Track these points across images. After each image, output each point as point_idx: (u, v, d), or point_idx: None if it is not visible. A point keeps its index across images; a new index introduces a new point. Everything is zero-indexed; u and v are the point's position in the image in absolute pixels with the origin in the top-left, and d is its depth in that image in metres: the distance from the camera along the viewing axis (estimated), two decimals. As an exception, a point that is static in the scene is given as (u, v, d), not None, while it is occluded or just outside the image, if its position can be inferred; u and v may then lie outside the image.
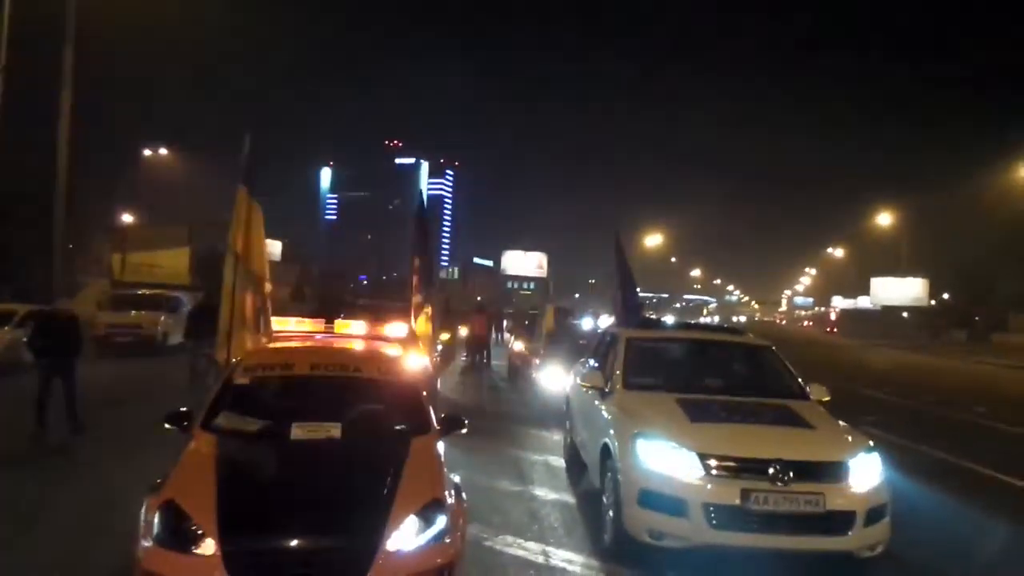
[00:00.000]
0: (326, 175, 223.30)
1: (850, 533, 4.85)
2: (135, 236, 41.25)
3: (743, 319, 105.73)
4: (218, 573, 3.55)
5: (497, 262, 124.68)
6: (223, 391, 5.09)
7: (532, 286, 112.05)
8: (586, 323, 22.28)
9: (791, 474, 4.86)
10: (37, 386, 8.72)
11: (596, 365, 7.64)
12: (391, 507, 3.96)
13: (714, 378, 6.67)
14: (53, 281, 26.14)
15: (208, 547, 3.64)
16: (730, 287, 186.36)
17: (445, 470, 4.61)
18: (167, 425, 4.83)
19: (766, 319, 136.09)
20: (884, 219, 65.08)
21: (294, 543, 3.75)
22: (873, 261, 78.78)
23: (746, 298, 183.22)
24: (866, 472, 5.10)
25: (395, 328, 7.08)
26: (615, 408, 6.16)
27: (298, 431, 4.64)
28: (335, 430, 4.71)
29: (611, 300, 10.37)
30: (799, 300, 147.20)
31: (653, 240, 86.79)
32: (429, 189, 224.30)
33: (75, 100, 24.50)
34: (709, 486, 4.88)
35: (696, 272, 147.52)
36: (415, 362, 7.00)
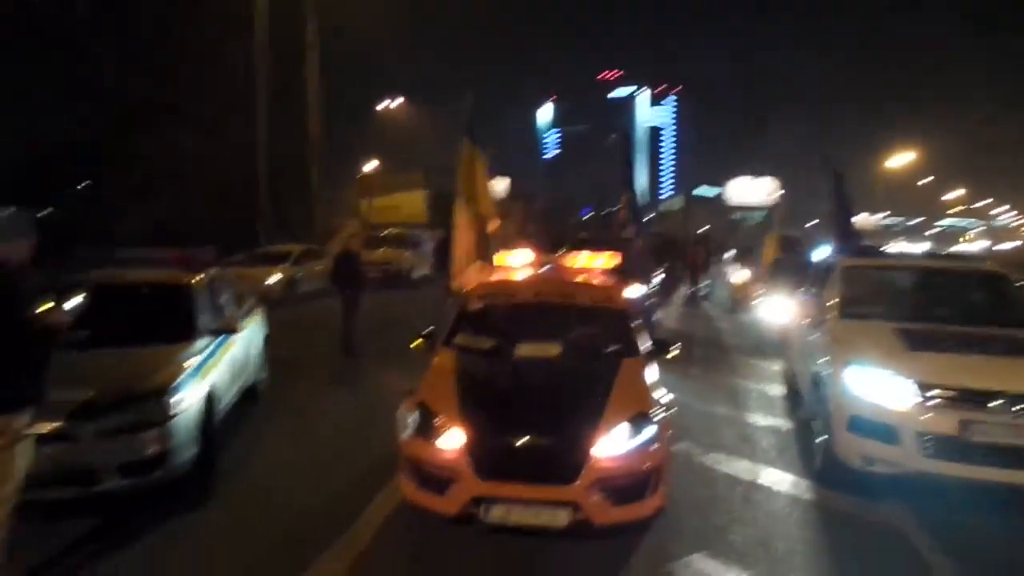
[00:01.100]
0: (547, 110, 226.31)
1: (1089, 470, 4.57)
2: (378, 182, 45.50)
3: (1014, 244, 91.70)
4: (461, 458, 4.33)
5: (723, 191, 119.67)
6: (459, 315, 5.91)
7: (760, 215, 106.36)
8: (819, 253, 21.11)
9: (1020, 407, 4.64)
10: (342, 314, 10.28)
11: (813, 295, 7.55)
12: (602, 415, 4.48)
13: (940, 307, 6.33)
14: (316, 226, 29.99)
15: (453, 438, 4.43)
16: (1003, 208, 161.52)
17: (653, 388, 5.03)
18: (416, 344, 5.76)
19: None
20: None
21: (521, 440, 4.42)
22: None
23: (1021, 221, 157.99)
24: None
25: (612, 259, 7.51)
26: (829, 337, 6.14)
27: (522, 350, 5.32)
28: (554, 350, 5.32)
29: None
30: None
31: (904, 159, 77.83)
32: (649, 117, 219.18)
33: (320, 64, 27.54)
34: (924, 415, 4.82)
35: (958, 192, 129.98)
36: (628, 292, 7.43)
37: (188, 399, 5.08)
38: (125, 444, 4.59)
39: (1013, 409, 4.65)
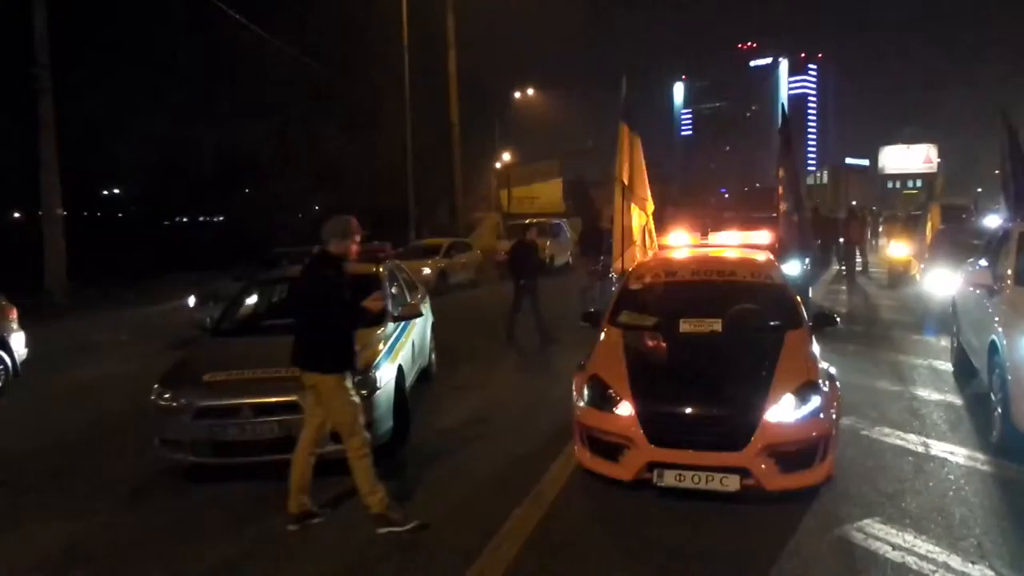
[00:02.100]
0: (679, 90, 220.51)
1: None
2: (515, 173, 46.53)
3: None
4: (634, 427, 4.69)
5: (874, 161, 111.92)
6: (622, 294, 6.27)
7: (919, 183, 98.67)
8: (990, 221, 19.57)
9: None
10: (512, 301, 10.76)
11: (986, 263, 7.25)
12: (770, 386, 4.69)
13: None
14: (459, 219, 31.19)
15: (625, 408, 4.79)
16: None
17: (818, 359, 5.16)
18: (582, 323, 6.16)
19: None
20: None
21: (690, 410, 4.72)
22: None
23: None
24: None
25: (763, 236, 7.59)
26: (1005, 305, 5.95)
27: (685, 325, 5.59)
28: (717, 325, 5.55)
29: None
30: None
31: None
32: (790, 88, 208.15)
33: (458, 60, 28.54)
34: (1115, 381, 4.65)
35: None
36: (785, 268, 7.48)
37: (385, 376, 5.76)
38: (340, 414, 5.29)
39: None
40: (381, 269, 7.07)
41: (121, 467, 5.97)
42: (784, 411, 4.60)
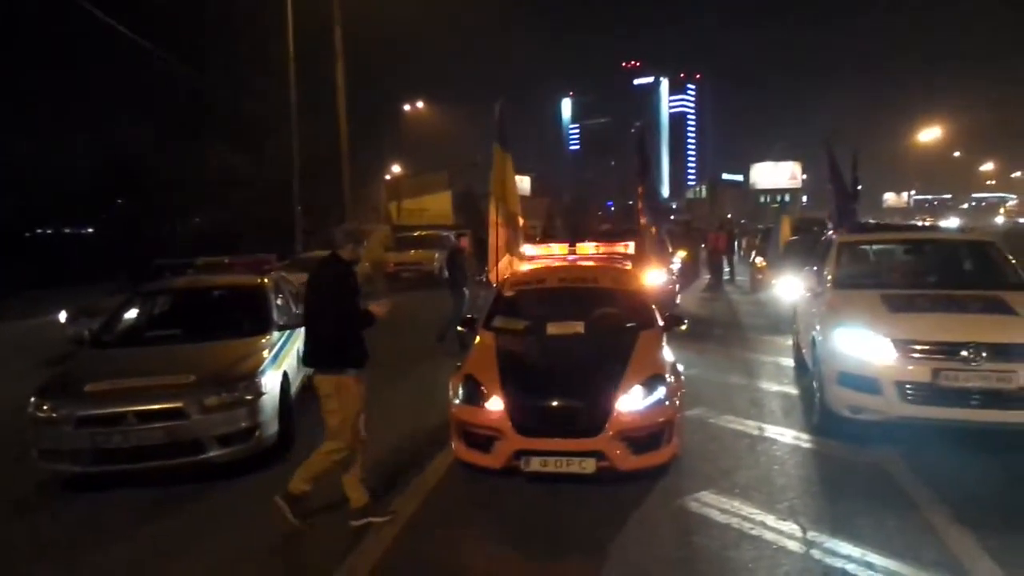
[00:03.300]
0: (567, 106, 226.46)
1: (1045, 408, 5.27)
2: (405, 184, 46.66)
3: None
4: (503, 419, 5.18)
5: (747, 176, 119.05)
6: (495, 301, 6.79)
7: (787, 198, 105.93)
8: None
9: (984, 354, 5.36)
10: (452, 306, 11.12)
11: (814, 269, 8.27)
12: (622, 379, 5.30)
13: (928, 274, 7.05)
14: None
15: (496, 403, 5.28)
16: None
17: (667, 355, 5.84)
18: (460, 328, 6.63)
19: None
20: None
21: (553, 402, 5.26)
22: None
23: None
24: (1069, 353, 5.40)
25: (626, 247, 8.31)
26: (824, 306, 6.89)
27: (552, 328, 6.16)
28: (579, 327, 6.16)
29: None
30: None
31: (929, 134, 77.04)
32: (671, 107, 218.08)
33: (346, 72, 28.52)
34: (901, 366, 5.56)
35: (988, 167, 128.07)
36: (649, 277, 8.23)
37: (270, 382, 6.00)
38: (224, 419, 5.52)
39: (978, 356, 5.36)
40: (266, 280, 7.27)
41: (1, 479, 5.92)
42: (634, 401, 5.22)
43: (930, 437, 5.72)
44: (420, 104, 57.71)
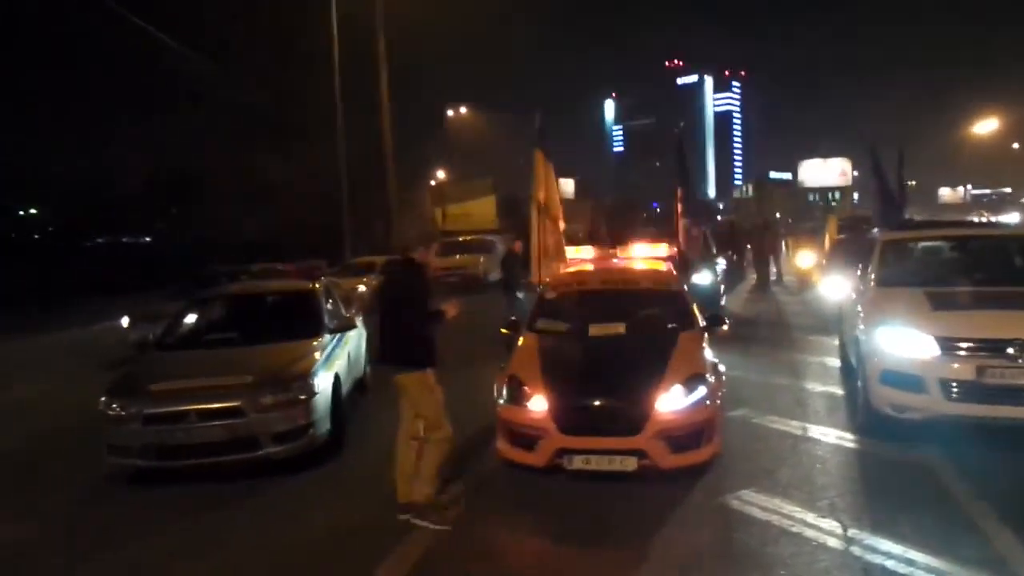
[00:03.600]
0: (610, 107, 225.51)
1: (1096, 406, 5.20)
2: (449, 190, 47.15)
3: None
4: (547, 419, 5.33)
5: (795, 174, 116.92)
6: (539, 304, 6.94)
7: (838, 196, 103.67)
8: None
9: (1031, 352, 5.31)
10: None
11: (861, 269, 8.22)
12: (662, 379, 5.40)
13: (972, 272, 6.94)
14: (393, 236, 31.48)
15: (539, 403, 5.43)
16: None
17: (708, 355, 5.92)
18: (503, 331, 6.79)
19: None
20: None
21: (595, 402, 5.39)
22: None
23: None
24: (1121, 351, 5.31)
25: (667, 249, 8.41)
26: (867, 304, 6.87)
27: (594, 330, 6.29)
28: (621, 328, 6.27)
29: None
30: None
31: (986, 126, 74.67)
32: (715, 105, 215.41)
33: (390, 79, 29.02)
34: (945, 364, 5.54)
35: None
36: (696, 278, 8.29)
37: (322, 382, 6.26)
38: (279, 417, 5.78)
39: (1024, 354, 5.32)
40: (317, 286, 7.56)
41: (73, 473, 6.31)
42: (674, 400, 5.32)
43: (975, 436, 5.67)
44: (463, 110, 58.34)
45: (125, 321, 12.50)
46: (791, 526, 4.55)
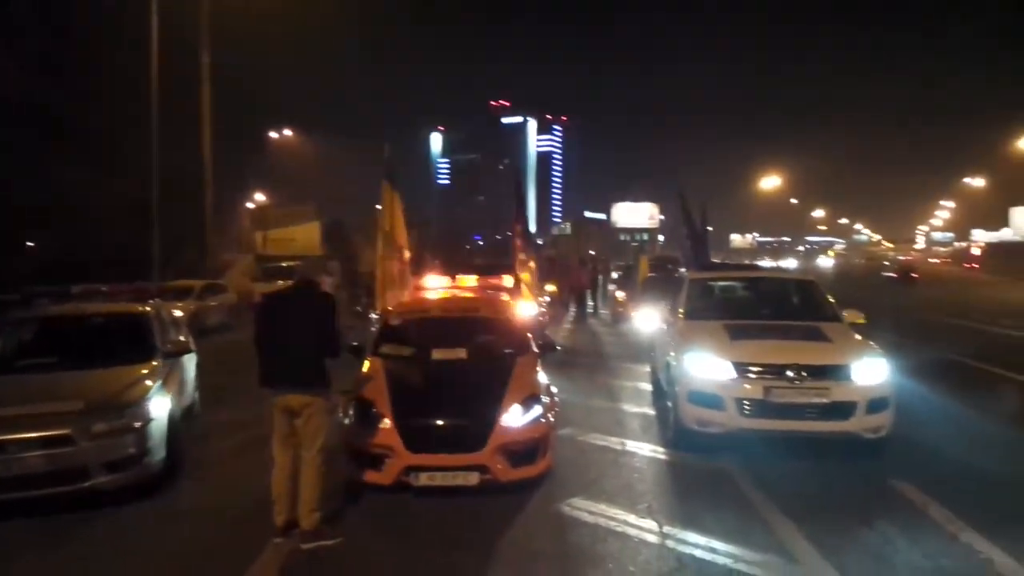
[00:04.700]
0: (436, 140, 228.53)
1: (852, 418, 6.33)
2: (271, 214, 45.51)
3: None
4: (394, 438, 5.58)
5: (609, 215, 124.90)
6: (383, 329, 7.18)
7: (646, 237, 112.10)
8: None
9: (804, 374, 6.37)
10: None
11: (670, 304, 9.26)
12: (502, 399, 5.85)
13: (761, 308, 8.16)
14: (208, 260, 29.90)
15: (386, 423, 5.67)
16: (857, 226, 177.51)
17: (542, 378, 6.46)
18: (348, 354, 6.93)
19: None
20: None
21: (439, 421, 5.72)
22: (1018, 189, 73.30)
23: (876, 237, 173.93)
24: (870, 372, 6.51)
25: (503, 280, 8.98)
26: (677, 334, 7.80)
27: (437, 354, 6.63)
28: (462, 352, 6.67)
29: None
30: (938, 236, 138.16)
31: (770, 183, 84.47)
32: (538, 146, 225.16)
33: (213, 96, 27.82)
34: (739, 385, 6.48)
35: (819, 213, 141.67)
36: (522, 307, 8.88)
37: (157, 409, 6.06)
38: (112, 445, 5.53)
39: (800, 376, 6.36)
40: (149, 308, 7.27)
41: None
42: (513, 418, 5.78)
43: (765, 446, 6.65)
44: (288, 132, 56.76)
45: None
46: (616, 526, 5.14)
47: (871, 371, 6.53)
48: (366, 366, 6.61)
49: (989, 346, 14.72)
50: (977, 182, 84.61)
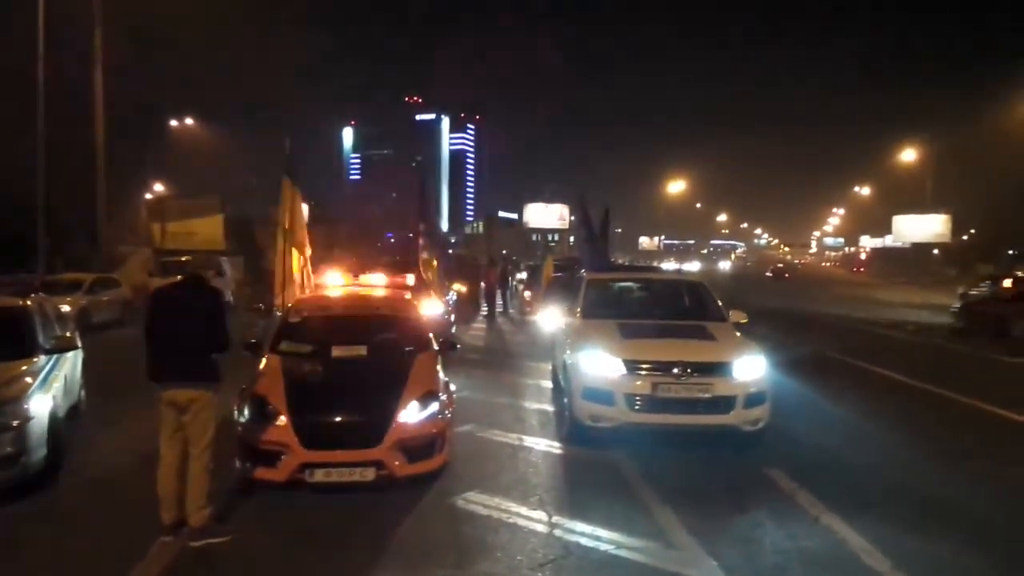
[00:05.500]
0: (348, 135, 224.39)
1: (731, 412, 6.75)
2: (170, 206, 43.55)
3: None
4: (290, 435, 5.57)
5: (521, 215, 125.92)
6: (282, 326, 7.12)
7: (556, 237, 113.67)
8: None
9: (689, 371, 6.75)
10: None
11: (569, 303, 9.55)
12: (400, 396, 5.94)
13: (653, 308, 8.55)
14: (102, 252, 28.44)
15: (282, 420, 5.66)
16: (758, 231, 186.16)
17: (440, 375, 6.58)
18: (244, 352, 6.85)
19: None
20: (909, 155, 64.29)
21: (336, 418, 5.76)
22: (899, 198, 78.29)
23: (775, 241, 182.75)
24: (749, 369, 6.95)
25: (406, 279, 9.04)
26: (573, 332, 8.08)
27: (337, 351, 6.65)
28: (362, 350, 6.71)
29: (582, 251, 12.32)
30: (829, 241, 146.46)
31: (676, 187, 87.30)
32: (451, 144, 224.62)
33: (106, 79, 26.43)
34: (629, 382, 6.80)
35: (722, 217, 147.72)
36: (427, 305, 8.96)
37: (37, 407, 5.82)
38: (-13, 444, 5.29)
39: (685, 373, 6.73)
40: (29, 302, 6.95)
41: None
42: (410, 414, 5.88)
43: (653, 439, 6.99)
44: (189, 121, 54.50)
45: None
46: (508, 518, 5.32)
47: (750, 368, 6.98)
48: (263, 363, 6.56)
49: (860, 343, 16.02)
50: (865, 191, 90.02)
